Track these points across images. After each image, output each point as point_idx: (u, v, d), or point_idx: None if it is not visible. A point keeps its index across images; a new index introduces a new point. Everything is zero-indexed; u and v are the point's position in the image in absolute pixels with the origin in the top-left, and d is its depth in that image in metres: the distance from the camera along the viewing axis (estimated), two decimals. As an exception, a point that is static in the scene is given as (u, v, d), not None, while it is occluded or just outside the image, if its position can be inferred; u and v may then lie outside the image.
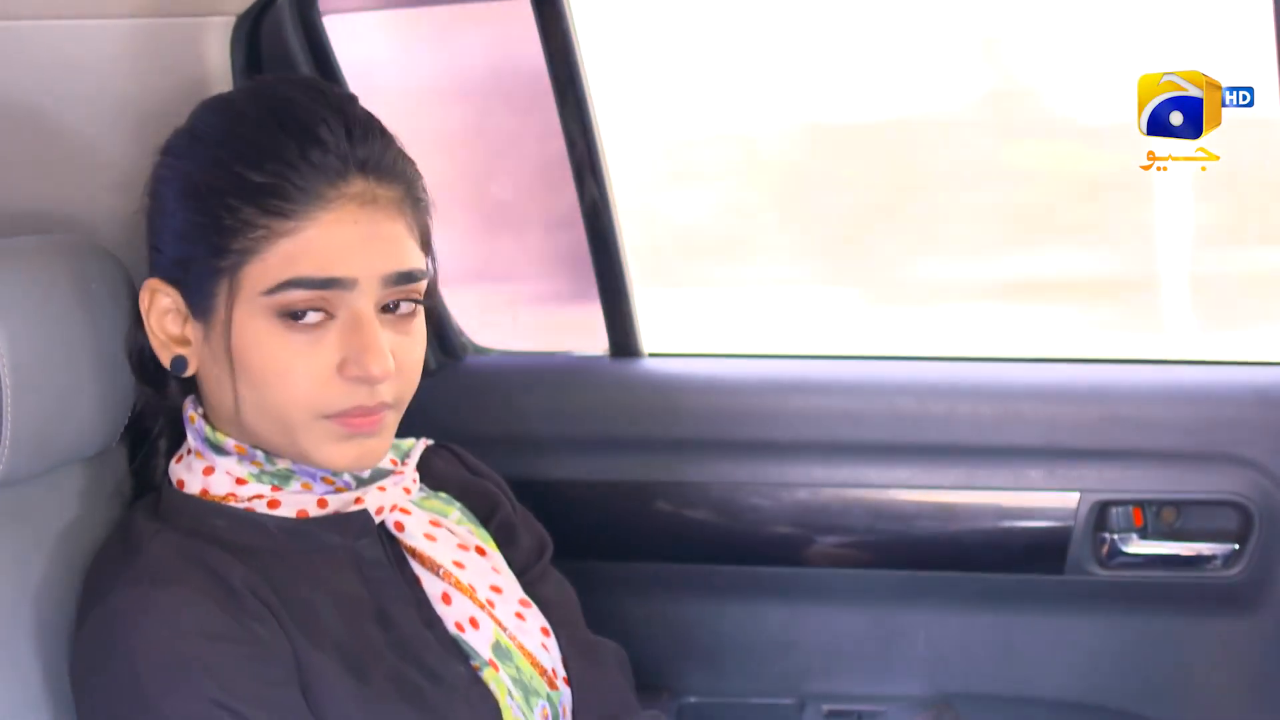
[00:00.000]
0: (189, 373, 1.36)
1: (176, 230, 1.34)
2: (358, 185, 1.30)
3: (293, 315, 1.29)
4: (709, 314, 2.61)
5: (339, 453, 1.32)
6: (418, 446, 1.49)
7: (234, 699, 1.22)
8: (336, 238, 1.29)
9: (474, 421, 1.92)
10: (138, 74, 1.58)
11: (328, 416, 1.31)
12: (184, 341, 1.36)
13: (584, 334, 2.06)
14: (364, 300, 1.30)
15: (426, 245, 1.38)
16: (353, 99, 1.36)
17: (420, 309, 1.36)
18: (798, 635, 1.94)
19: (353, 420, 1.31)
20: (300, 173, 1.29)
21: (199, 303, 1.33)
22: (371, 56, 2.00)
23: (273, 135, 1.30)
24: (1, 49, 1.55)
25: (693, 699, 1.95)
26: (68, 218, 1.58)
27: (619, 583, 1.89)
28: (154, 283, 1.36)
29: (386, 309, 1.33)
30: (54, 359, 1.34)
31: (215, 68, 1.60)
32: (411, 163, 1.37)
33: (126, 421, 1.45)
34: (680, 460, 1.91)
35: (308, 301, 1.29)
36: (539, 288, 2.28)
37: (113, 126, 1.59)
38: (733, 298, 2.67)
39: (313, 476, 1.37)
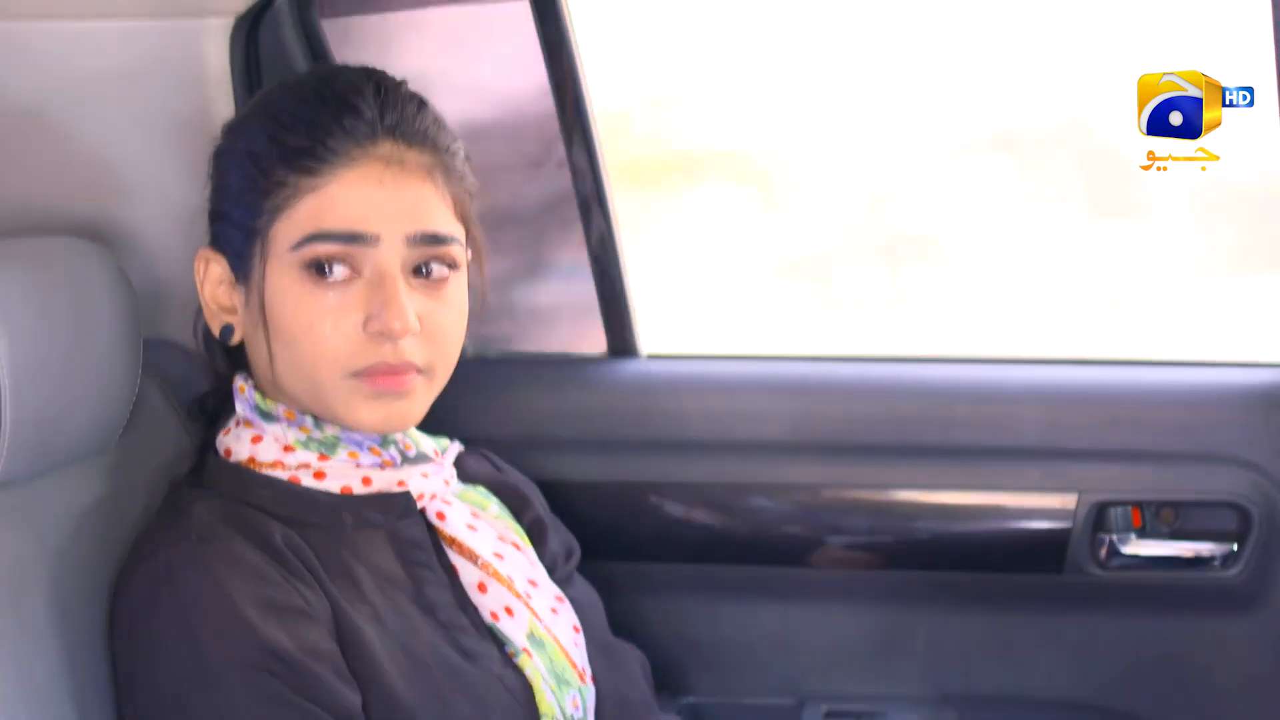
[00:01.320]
0: (235, 340, 1.41)
1: (225, 198, 1.39)
2: (385, 147, 1.35)
3: (319, 271, 1.33)
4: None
5: (367, 412, 1.35)
6: (453, 447, 1.52)
7: (280, 647, 1.25)
8: (361, 194, 1.33)
9: (473, 421, 1.91)
10: (137, 75, 1.58)
11: (355, 375, 1.34)
12: (232, 310, 1.41)
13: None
14: (388, 257, 1.34)
15: (465, 217, 1.41)
16: (400, 80, 1.41)
17: (456, 277, 1.39)
18: (797, 635, 1.93)
19: (379, 378, 1.34)
20: (331, 134, 1.34)
21: (240, 267, 1.38)
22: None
23: (313, 105, 1.36)
24: (2, 49, 1.55)
25: (692, 699, 1.95)
26: (68, 218, 1.58)
27: (618, 582, 1.89)
28: (206, 251, 1.41)
29: (418, 273, 1.36)
30: (54, 359, 1.34)
31: (214, 69, 1.61)
32: (451, 135, 1.41)
33: (125, 422, 1.45)
34: (679, 461, 1.91)
35: (331, 255, 1.33)
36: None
37: (112, 127, 1.60)
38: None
39: (359, 445, 1.39)
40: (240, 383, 1.42)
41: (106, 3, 1.55)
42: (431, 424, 1.53)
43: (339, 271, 1.33)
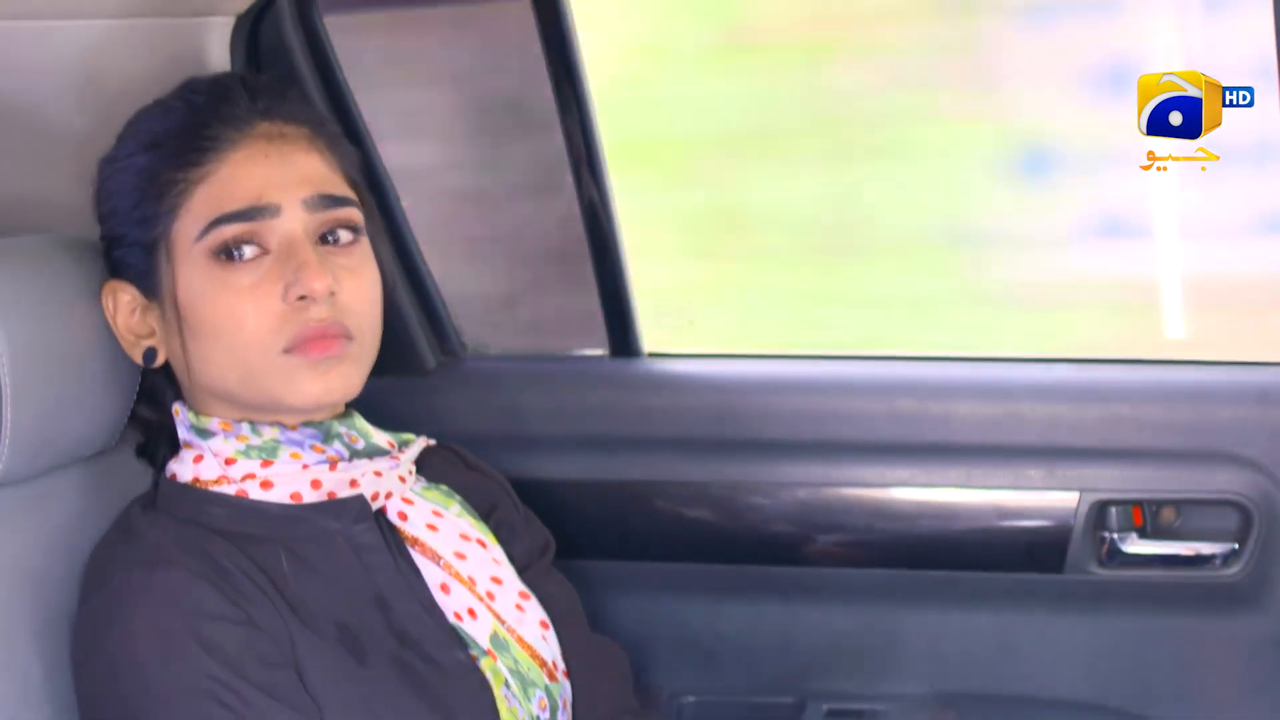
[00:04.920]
0: (159, 361, 1.40)
1: (116, 222, 1.40)
2: (262, 127, 1.37)
3: (228, 255, 1.33)
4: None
5: (307, 384, 1.34)
6: (418, 442, 1.50)
7: (231, 675, 1.24)
8: (250, 170, 1.35)
9: (473, 421, 1.92)
10: (138, 74, 1.58)
11: (287, 350, 1.33)
12: (150, 333, 1.40)
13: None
14: (292, 225, 1.35)
15: (355, 184, 1.42)
16: (259, 73, 1.46)
17: (363, 242, 1.39)
18: (797, 634, 1.93)
19: (311, 346, 1.33)
20: (208, 125, 1.36)
21: (148, 283, 1.38)
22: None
23: (183, 110, 1.38)
24: (3, 49, 1.55)
25: (692, 698, 1.95)
26: (69, 217, 1.58)
27: (618, 582, 1.89)
28: (111, 283, 1.41)
29: (325, 241, 1.37)
30: (54, 359, 1.34)
31: (215, 67, 1.61)
32: (317, 110, 1.45)
33: (125, 422, 1.45)
34: (679, 460, 1.91)
35: (237, 236, 1.33)
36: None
37: (114, 126, 1.59)
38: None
39: (301, 445, 1.38)
40: (176, 406, 1.41)
41: (108, 2, 1.55)
42: (430, 423, 1.53)
43: (248, 252, 1.33)
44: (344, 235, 1.37)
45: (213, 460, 1.37)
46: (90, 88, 1.58)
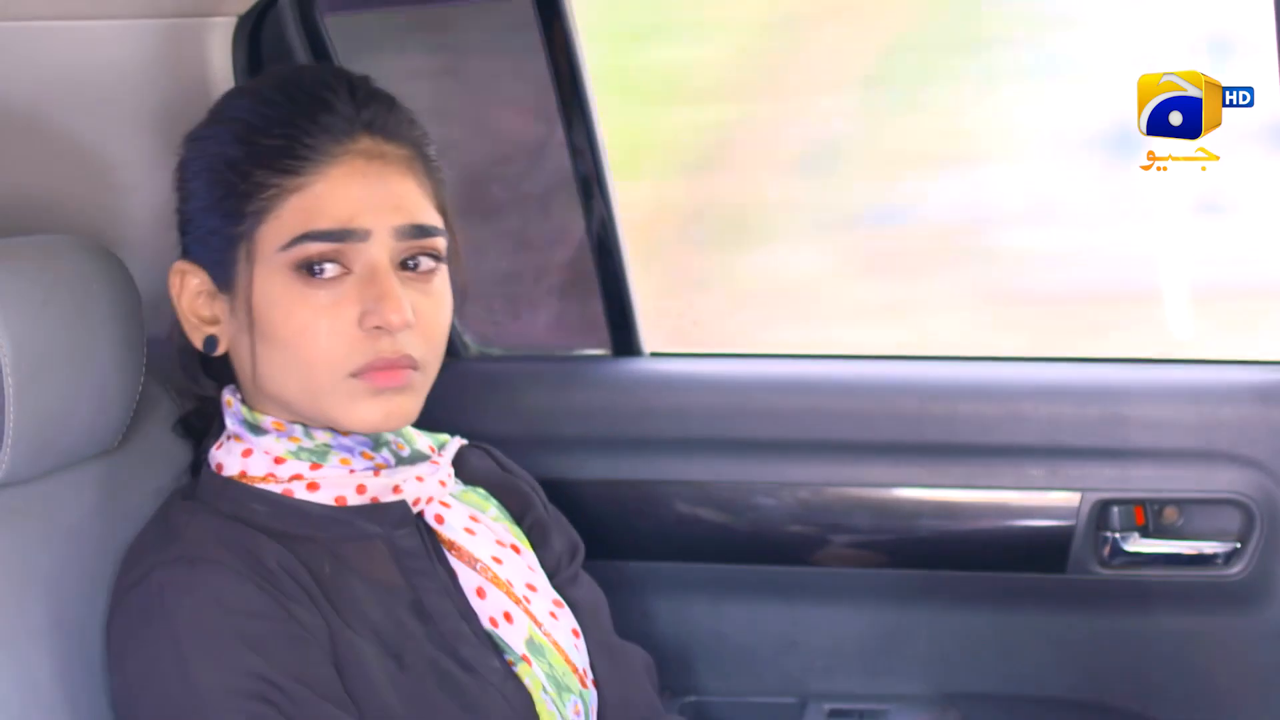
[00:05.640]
0: (220, 350, 1.39)
1: (197, 208, 1.38)
2: (364, 143, 1.34)
3: (310, 271, 1.32)
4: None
5: (367, 410, 1.33)
6: (453, 443, 1.51)
7: (273, 673, 1.24)
8: (347, 190, 1.32)
9: (475, 421, 1.91)
10: (140, 74, 1.58)
11: (353, 375, 1.32)
12: (214, 321, 1.39)
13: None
14: (379, 252, 1.33)
15: (443, 208, 1.40)
16: (365, 76, 1.40)
17: (442, 270, 1.38)
18: (799, 634, 1.94)
19: (378, 375, 1.33)
20: (309, 133, 1.33)
21: (222, 275, 1.36)
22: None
23: (284, 105, 1.35)
24: (3, 49, 1.55)
25: (694, 698, 1.95)
26: (70, 217, 1.59)
27: (620, 581, 1.89)
28: (181, 264, 1.39)
29: (406, 266, 1.35)
30: (56, 359, 1.34)
31: (217, 68, 1.61)
32: (421, 128, 1.41)
33: (129, 421, 1.45)
34: (681, 459, 1.91)
35: (322, 254, 1.32)
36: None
37: (115, 126, 1.60)
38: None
39: (350, 451, 1.38)
40: (228, 396, 1.40)
41: (109, 2, 1.56)
42: (435, 422, 1.53)
43: (330, 270, 1.32)
44: (425, 262, 1.36)
45: (262, 457, 1.37)
46: (92, 87, 1.58)
